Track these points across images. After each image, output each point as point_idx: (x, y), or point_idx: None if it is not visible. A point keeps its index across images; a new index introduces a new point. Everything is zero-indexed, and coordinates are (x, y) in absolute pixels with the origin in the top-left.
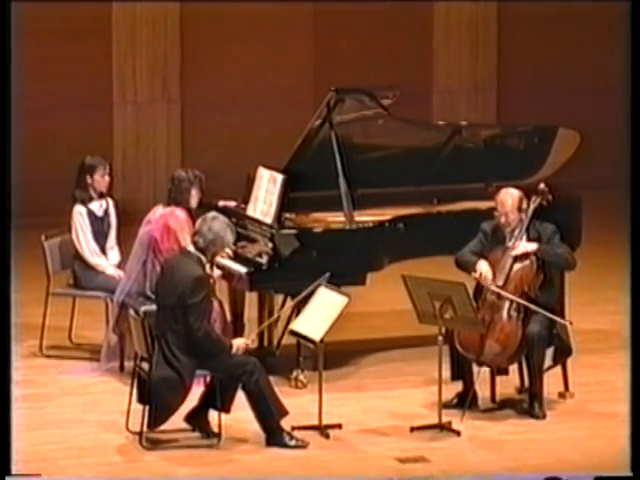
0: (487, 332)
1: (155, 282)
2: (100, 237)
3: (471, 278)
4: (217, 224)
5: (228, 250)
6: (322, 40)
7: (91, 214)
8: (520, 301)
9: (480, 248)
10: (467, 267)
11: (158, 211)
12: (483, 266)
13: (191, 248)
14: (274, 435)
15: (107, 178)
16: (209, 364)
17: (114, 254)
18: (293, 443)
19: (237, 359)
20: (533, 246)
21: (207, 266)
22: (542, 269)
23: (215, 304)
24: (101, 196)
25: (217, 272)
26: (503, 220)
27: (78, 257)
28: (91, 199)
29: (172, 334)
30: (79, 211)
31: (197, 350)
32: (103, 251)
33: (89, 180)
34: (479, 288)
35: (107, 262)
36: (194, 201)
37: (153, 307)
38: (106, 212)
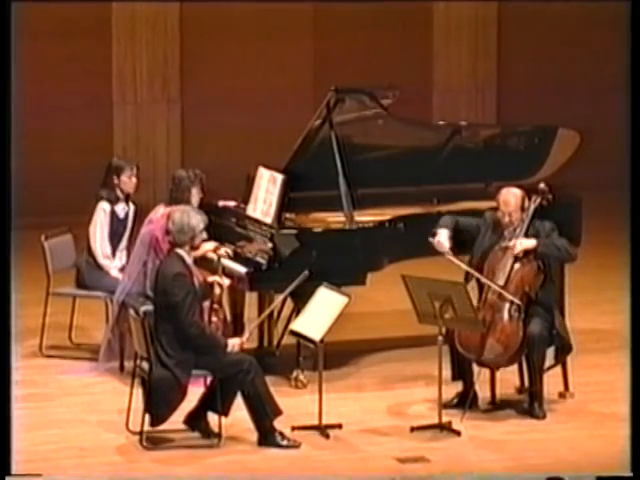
0: (488, 332)
1: None
2: (115, 238)
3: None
4: (177, 215)
5: (228, 250)
6: (322, 40)
7: (113, 214)
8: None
9: (471, 227)
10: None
11: (160, 211)
12: (442, 234)
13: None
14: (266, 435)
15: (134, 180)
16: (205, 362)
17: (121, 258)
18: (285, 443)
19: (233, 357)
20: (532, 242)
21: (191, 258)
22: (542, 269)
23: (220, 312)
24: (127, 199)
25: (226, 281)
26: (507, 220)
27: (89, 253)
28: (117, 199)
29: (164, 335)
30: (103, 207)
31: (191, 347)
32: (114, 253)
33: (116, 181)
34: (469, 275)
35: (113, 264)
36: (195, 200)
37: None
38: (126, 215)
